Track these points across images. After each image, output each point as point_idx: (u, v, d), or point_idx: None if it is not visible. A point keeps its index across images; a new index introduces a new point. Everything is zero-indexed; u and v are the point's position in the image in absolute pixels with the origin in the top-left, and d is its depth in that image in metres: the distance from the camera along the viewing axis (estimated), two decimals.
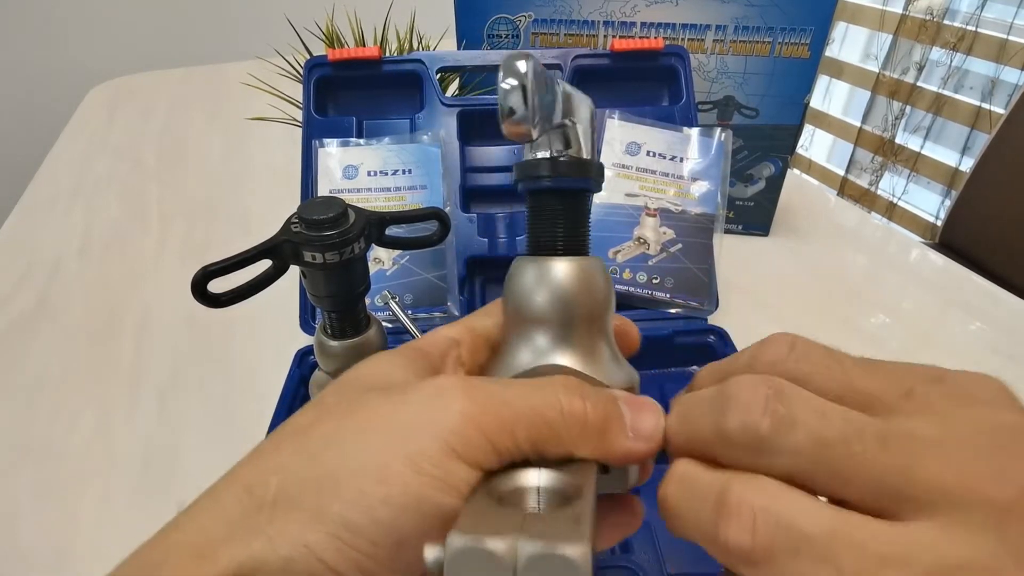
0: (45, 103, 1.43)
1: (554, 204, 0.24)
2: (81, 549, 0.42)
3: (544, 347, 0.23)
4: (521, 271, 0.23)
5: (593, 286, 0.23)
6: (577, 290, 0.23)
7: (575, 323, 0.23)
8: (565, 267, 0.23)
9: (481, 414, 0.18)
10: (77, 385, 0.54)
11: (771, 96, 0.62)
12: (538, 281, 0.23)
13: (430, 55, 0.55)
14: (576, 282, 0.23)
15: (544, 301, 0.23)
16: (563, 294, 0.23)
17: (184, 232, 0.73)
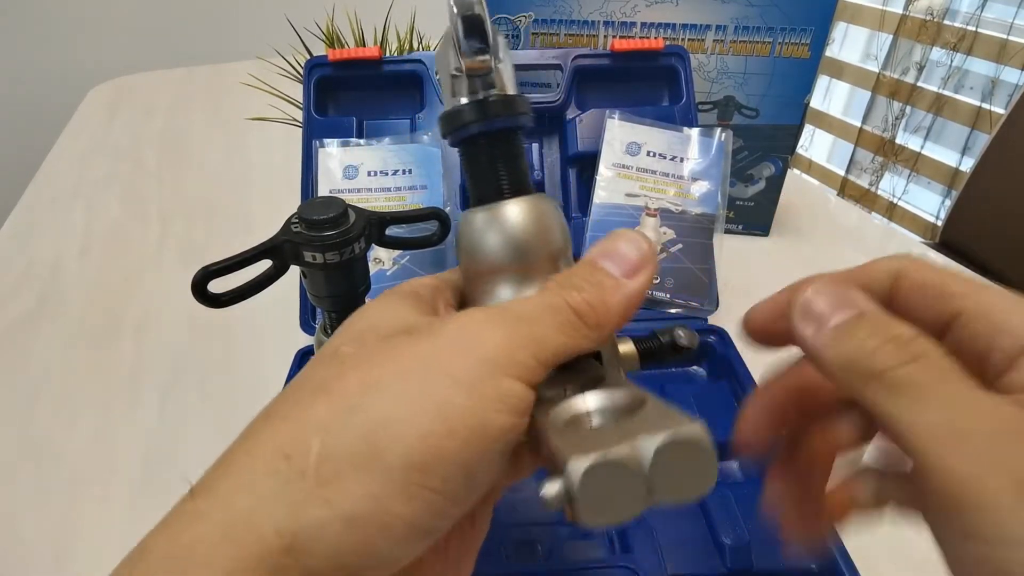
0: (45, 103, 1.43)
1: (491, 148, 0.23)
2: (81, 549, 0.42)
3: (508, 297, 0.22)
4: (470, 223, 0.22)
5: (548, 222, 0.22)
6: (534, 229, 0.22)
7: (537, 264, 0.22)
8: (515, 208, 0.22)
9: (515, 335, 0.19)
10: (77, 385, 0.54)
11: (771, 96, 0.62)
12: (490, 228, 0.22)
13: (430, 55, 0.55)
14: (531, 221, 0.22)
15: (500, 247, 0.22)
16: (519, 236, 0.22)
17: (184, 232, 0.73)
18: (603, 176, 0.53)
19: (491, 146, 0.23)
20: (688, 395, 0.46)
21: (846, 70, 1.82)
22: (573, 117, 0.55)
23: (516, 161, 0.23)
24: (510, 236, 0.22)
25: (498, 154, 0.23)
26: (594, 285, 0.20)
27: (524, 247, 0.22)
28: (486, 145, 0.23)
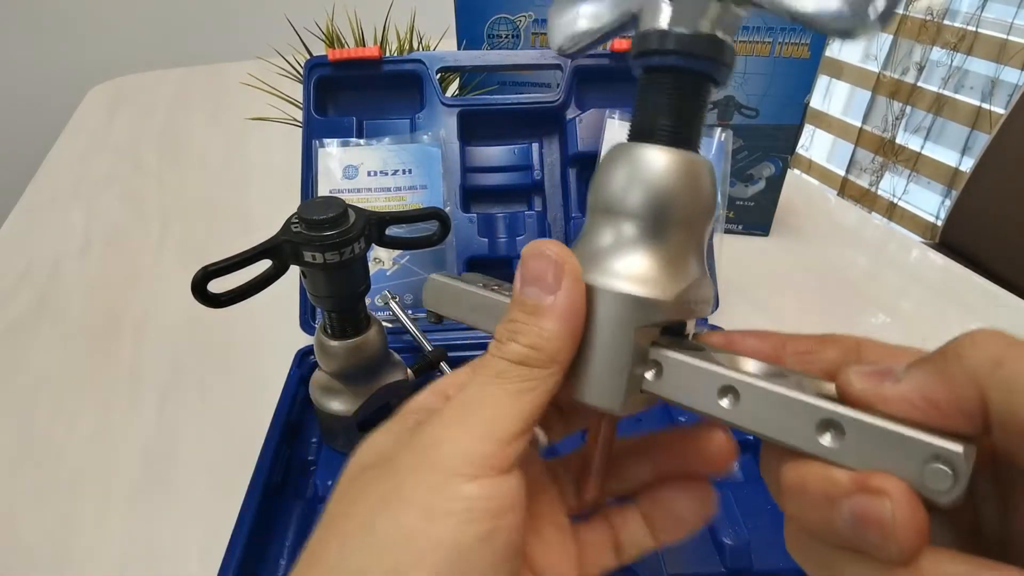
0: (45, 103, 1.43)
1: (672, 84, 0.20)
2: (81, 549, 0.42)
3: (629, 237, 0.20)
4: (618, 155, 0.21)
5: (698, 186, 0.20)
6: (678, 187, 0.20)
7: (668, 225, 0.20)
8: (670, 158, 0.20)
9: (468, 430, 0.19)
10: (77, 385, 0.54)
11: (771, 96, 0.62)
12: (634, 169, 0.20)
13: (430, 55, 0.55)
14: (679, 177, 0.20)
15: (637, 192, 0.20)
16: (661, 188, 0.20)
17: (184, 232, 0.73)
18: None
19: (674, 83, 0.21)
20: None
21: (846, 70, 1.82)
22: (573, 117, 0.55)
23: (696, 110, 0.21)
24: (649, 184, 0.20)
25: (677, 93, 0.21)
26: (528, 319, 0.20)
27: (660, 202, 0.20)
28: (668, 79, 0.21)
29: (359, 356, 0.39)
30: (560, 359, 0.20)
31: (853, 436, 0.16)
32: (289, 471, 0.42)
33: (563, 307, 0.20)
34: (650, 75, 0.21)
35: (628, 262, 0.20)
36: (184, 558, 0.41)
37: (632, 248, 0.20)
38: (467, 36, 0.64)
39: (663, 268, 0.20)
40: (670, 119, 0.21)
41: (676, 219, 0.20)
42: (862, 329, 0.58)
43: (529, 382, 0.19)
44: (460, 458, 0.18)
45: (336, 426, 0.41)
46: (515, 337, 0.20)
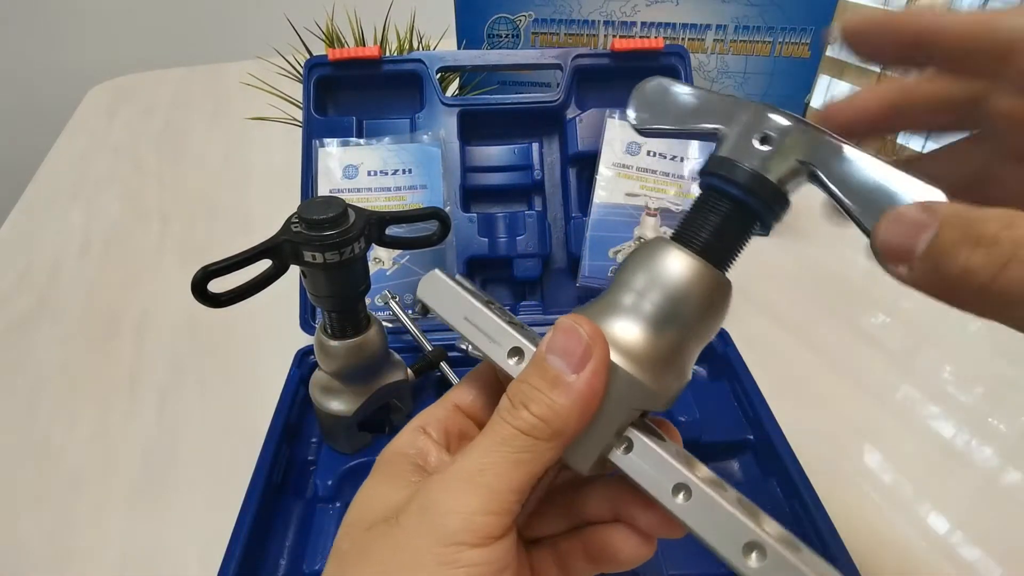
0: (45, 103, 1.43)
1: (727, 209, 0.22)
2: (81, 549, 0.42)
3: (648, 327, 0.22)
4: (657, 248, 0.22)
5: (718, 303, 0.22)
6: (702, 297, 0.21)
7: (684, 328, 0.21)
8: (703, 270, 0.21)
9: (470, 497, 0.20)
10: (77, 385, 0.54)
11: (771, 96, 0.62)
12: (669, 267, 0.21)
13: (430, 55, 0.55)
14: (705, 289, 0.21)
15: (665, 288, 0.21)
16: (686, 293, 0.21)
17: (184, 232, 0.73)
18: (603, 176, 0.53)
19: (745, 222, 0.22)
20: (688, 394, 0.46)
21: (847, 70, 1.82)
22: (573, 117, 0.55)
23: (738, 238, 0.23)
24: (665, 282, 0.21)
25: (745, 231, 0.22)
26: (544, 389, 0.20)
27: (667, 299, 0.21)
28: (742, 216, 0.22)
29: (359, 356, 0.39)
30: (566, 436, 0.20)
31: (771, 563, 0.18)
32: (289, 471, 0.42)
33: (583, 389, 0.20)
34: (710, 192, 0.23)
35: (643, 351, 0.21)
36: (184, 558, 0.41)
37: (648, 338, 0.21)
38: (467, 36, 0.64)
39: (669, 365, 0.22)
40: (713, 236, 0.22)
41: (691, 325, 0.22)
42: (862, 329, 0.58)
43: (530, 453, 0.20)
44: (464, 527, 0.19)
45: (336, 426, 0.41)
46: (528, 404, 0.21)
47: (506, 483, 0.20)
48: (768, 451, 0.42)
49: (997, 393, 0.52)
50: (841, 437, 0.48)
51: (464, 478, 0.20)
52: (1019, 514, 0.43)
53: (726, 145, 0.23)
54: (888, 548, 0.41)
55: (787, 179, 0.22)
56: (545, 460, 0.20)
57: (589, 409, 0.20)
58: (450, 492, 0.20)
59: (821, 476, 0.39)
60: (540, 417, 0.20)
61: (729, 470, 0.44)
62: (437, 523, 0.19)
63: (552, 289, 0.55)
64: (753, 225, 0.23)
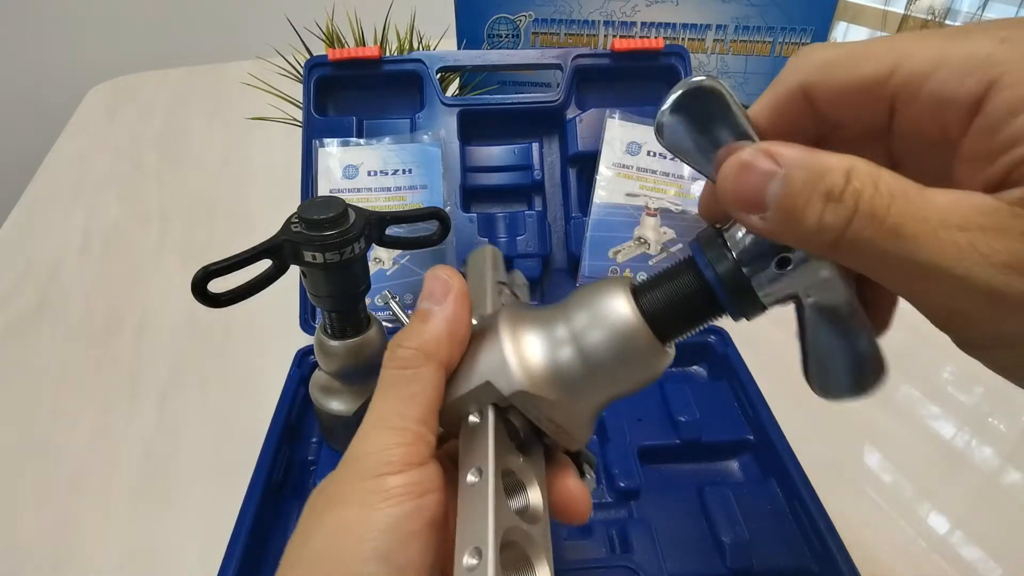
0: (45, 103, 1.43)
1: (694, 288, 0.21)
2: (81, 549, 0.42)
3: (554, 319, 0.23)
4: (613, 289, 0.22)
5: (639, 373, 0.22)
6: (624, 354, 0.21)
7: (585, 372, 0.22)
8: (641, 332, 0.21)
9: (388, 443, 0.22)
10: (77, 385, 0.54)
11: None
12: (613, 311, 0.21)
13: (430, 55, 0.55)
14: (633, 349, 0.21)
15: (600, 326, 0.22)
16: (613, 342, 0.21)
17: (184, 232, 0.73)
18: (603, 176, 0.53)
19: (709, 307, 0.21)
20: (688, 394, 0.46)
21: None
22: (573, 117, 0.55)
23: (691, 316, 0.22)
24: (603, 326, 0.22)
25: (703, 315, 0.22)
26: (415, 326, 0.24)
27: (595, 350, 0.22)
28: (708, 302, 0.21)
29: (359, 356, 0.39)
30: (438, 356, 0.23)
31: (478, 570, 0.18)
32: (289, 471, 0.42)
33: (445, 314, 0.24)
34: (690, 263, 0.22)
35: (535, 350, 0.23)
36: (184, 558, 0.41)
37: (547, 345, 0.23)
38: (467, 36, 0.64)
39: (554, 379, 0.22)
40: (666, 308, 0.22)
41: (599, 367, 0.22)
42: None
43: (416, 384, 0.23)
44: (382, 461, 0.21)
45: (336, 426, 0.41)
46: (402, 342, 0.24)
47: (408, 418, 0.22)
48: (768, 451, 0.42)
49: (997, 393, 0.52)
50: (841, 437, 0.48)
51: (371, 426, 0.22)
52: (1019, 514, 0.43)
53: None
54: (888, 548, 0.41)
55: (768, 289, 0.20)
56: (431, 386, 0.23)
57: (454, 331, 0.23)
58: (364, 440, 0.22)
59: (821, 476, 0.39)
60: (413, 347, 0.23)
61: (729, 470, 0.44)
62: (360, 465, 0.21)
63: (552, 289, 0.55)
64: (716, 315, 0.22)
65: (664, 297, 0.22)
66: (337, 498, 0.21)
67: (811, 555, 0.37)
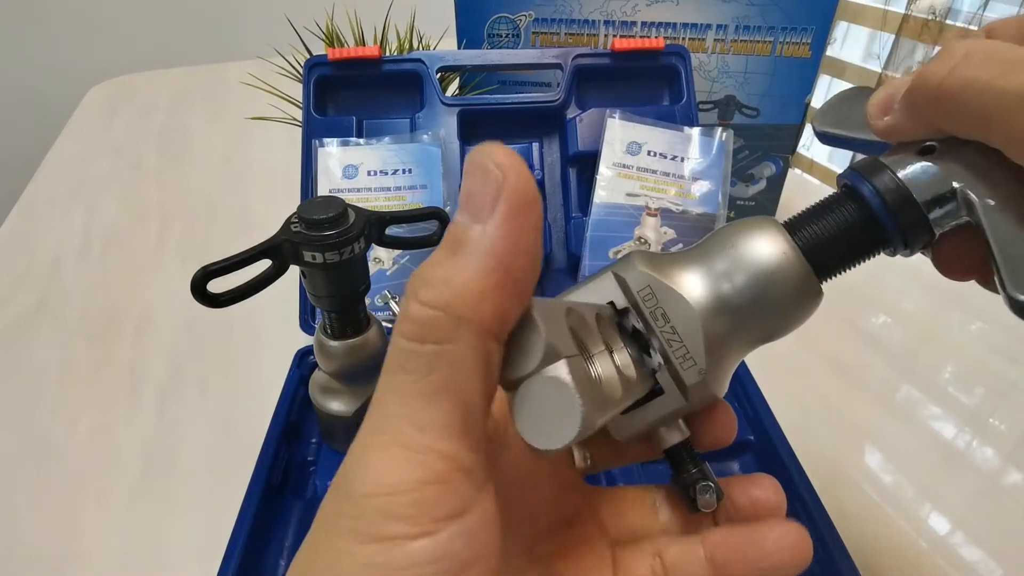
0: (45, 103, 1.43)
1: (857, 219, 0.19)
2: (81, 549, 0.42)
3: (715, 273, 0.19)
4: (764, 227, 0.20)
5: (796, 311, 0.20)
6: (784, 297, 0.19)
7: (738, 310, 0.19)
8: (802, 272, 0.19)
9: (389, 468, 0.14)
10: (77, 385, 0.54)
11: (772, 96, 0.62)
12: (762, 240, 0.19)
13: (430, 54, 0.55)
14: (794, 291, 0.19)
15: (749, 267, 0.19)
16: (759, 277, 0.19)
17: (184, 232, 0.73)
18: (603, 176, 0.53)
19: (872, 239, 0.20)
20: None
21: (847, 70, 1.82)
22: (573, 116, 0.55)
23: (854, 262, 0.20)
24: (753, 265, 0.19)
25: (865, 250, 0.20)
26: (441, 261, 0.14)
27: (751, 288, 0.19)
28: (871, 234, 0.20)
29: (359, 356, 0.39)
30: (479, 318, 0.13)
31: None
32: (289, 471, 0.42)
33: (488, 239, 0.14)
34: (848, 197, 0.20)
35: (681, 278, 0.19)
36: (184, 558, 0.41)
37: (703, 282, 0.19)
38: (467, 35, 0.64)
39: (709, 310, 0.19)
40: (828, 241, 0.20)
41: (753, 314, 0.19)
42: (862, 329, 0.58)
43: (440, 370, 0.13)
44: (391, 514, 0.13)
45: (336, 426, 0.41)
46: (417, 290, 0.14)
47: (433, 431, 0.13)
48: (768, 451, 0.42)
49: (997, 393, 0.52)
50: (841, 437, 0.48)
51: (372, 439, 0.14)
52: (1019, 514, 0.43)
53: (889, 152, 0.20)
54: (888, 548, 0.41)
55: (936, 204, 0.19)
56: (473, 370, 0.14)
57: (510, 274, 0.14)
58: (363, 466, 0.13)
59: (821, 476, 0.39)
60: (433, 303, 0.13)
61: (729, 470, 0.44)
62: (356, 509, 0.13)
63: (552, 289, 0.55)
64: (877, 247, 0.20)
65: (820, 231, 0.20)
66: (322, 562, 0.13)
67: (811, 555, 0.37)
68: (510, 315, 0.14)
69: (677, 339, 0.19)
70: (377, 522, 0.13)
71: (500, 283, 0.14)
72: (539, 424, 0.15)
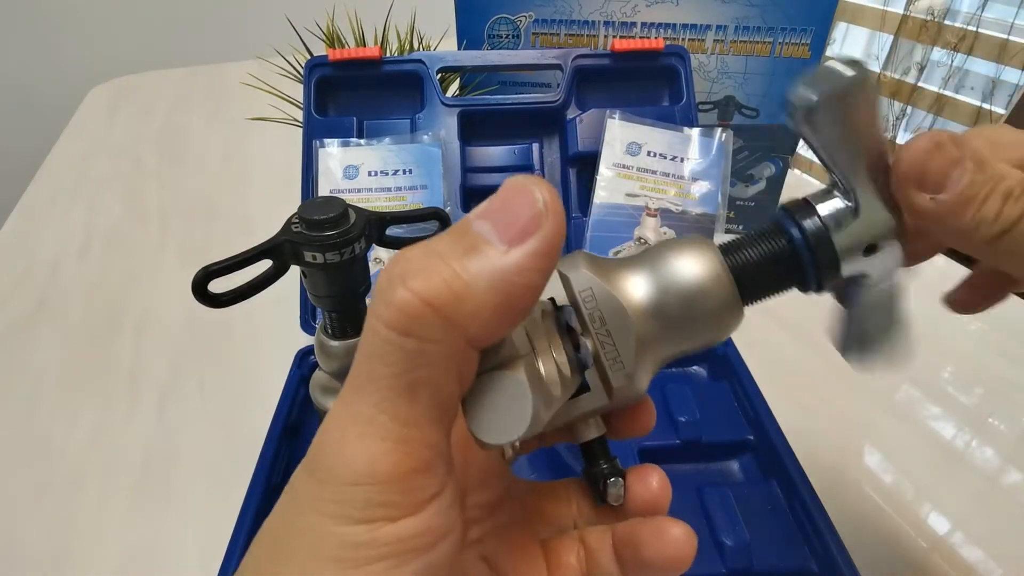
0: (45, 103, 1.43)
1: (784, 252, 0.21)
2: (81, 549, 0.42)
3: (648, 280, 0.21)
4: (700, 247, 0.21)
5: (716, 324, 0.21)
6: (703, 301, 0.20)
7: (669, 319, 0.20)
8: (728, 289, 0.21)
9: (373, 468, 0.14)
10: (77, 385, 0.54)
11: (771, 96, 0.62)
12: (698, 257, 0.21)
13: (430, 55, 0.55)
14: (710, 294, 0.20)
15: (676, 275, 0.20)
16: (692, 291, 0.20)
17: (184, 232, 0.73)
18: (603, 176, 0.53)
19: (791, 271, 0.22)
20: (688, 395, 0.46)
21: None
22: (573, 117, 0.55)
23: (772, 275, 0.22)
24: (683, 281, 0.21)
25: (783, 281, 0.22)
26: (448, 254, 0.14)
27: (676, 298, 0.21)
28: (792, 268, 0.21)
29: None
30: (470, 331, 0.14)
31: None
32: (289, 471, 0.42)
33: (511, 267, 0.14)
34: (776, 230, 0.22)
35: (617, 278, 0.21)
36: (184, 558, 0.41)
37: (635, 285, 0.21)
38: (467, 36, 0.64)
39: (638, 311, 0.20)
40: (754, 267, 0.21)
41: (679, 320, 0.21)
42: None
43: (423, 368, 0.14)
44: (374, 501, 0.13)
45: None
46: (406, 278, 0.13)
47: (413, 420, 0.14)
48: (768, 451, 0.42)
49: (997, 393, 0.52)
50: (841, 437, 0.48)
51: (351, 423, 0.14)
52: (1019, 514, 0.43)
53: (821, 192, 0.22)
54: (888, 548, 0.41)
55: (848, 252, 0.21)
56: (454, 375, 0.14)
57: (512, 304, 0.14)
58: (342, 450, 0.14)
59: (821, 476, 0.40)
60: (428, 298, 0.13)
61: (729, 470, 0.44)
62: (340, 494, 0.14)
63: None
64: (794, 281, 0.22)
65: (748, 257, 0.21)
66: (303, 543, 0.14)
67: (811, 555, 0.37)
68: (497, 336, 0.15)
69: (610, 342, 0.20)
70: (363, 507, 0.13)
71: (501, 307, 0.14)
72: (490, 420, 0.16)
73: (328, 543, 0.14)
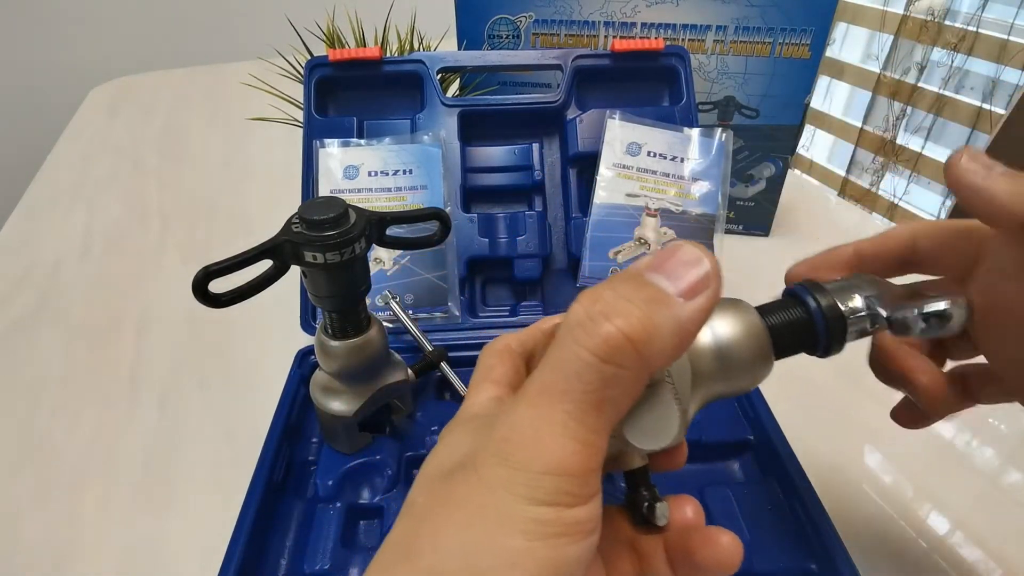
0: (45, 103, 1.43)
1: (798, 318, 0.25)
2: (81, 549, 0.42)
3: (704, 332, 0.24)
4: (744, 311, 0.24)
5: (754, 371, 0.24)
6: (747, 351, 0.24)
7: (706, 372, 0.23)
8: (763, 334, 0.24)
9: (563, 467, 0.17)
10: (77, 385, 0.54)
11: (771, 96, 0.62)
12: (743, 314, 0.24)
13: (431, 55, 0.55)
14: (754, 346, 0.24)
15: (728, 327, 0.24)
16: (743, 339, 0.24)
17: (184, 232, 0.73)
18: (603, 176, 0.53)
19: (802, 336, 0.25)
20: None
21: (847, 70, 1.82)
22: (573, 117, 0.55)
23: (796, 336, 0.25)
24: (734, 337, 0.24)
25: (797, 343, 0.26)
26: (637, 300, 0.17)
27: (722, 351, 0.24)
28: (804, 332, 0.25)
29: (360, 356, 0.39)
30: (652, 366, 0.17)
31: None
32: (289, 471, 0.42)
33: (688, 317, 0.17)
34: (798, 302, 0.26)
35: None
36: (184, 558, 0.41)
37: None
38: (467, 36, 0.64)
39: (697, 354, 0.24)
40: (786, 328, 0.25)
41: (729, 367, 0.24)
42: None
43: (616, 388, 0.17)
44: (562, 490, 0.17)
45: (336, 426, 0.41)
46: (611, 316, 0.17)
47: (598, 430, 0.17)
48: (768, 451, 0.42)
49: None
50: (841, 437, 0.48)
51: (548, 424, 0.17)
52: (1019, 514, 0.43)
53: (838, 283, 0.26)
54: (888, 548, 0.41)
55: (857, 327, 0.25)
56: (630, 395, 0.18)
57: (683, 344, 0.18)
58: (537, 444, 0.17)
59: (821, 476, 0.40)
60: (629, 335, 0.17)
61: (729, 470, 0.44)
62: (528, 478, 0.17)
63: (552, 289, 0.55)
64: (809, 346, 0.26)
65: (781, 320, 0.25)
66: (493, 518, 0.17)
67: (811, 555, 0.37)
68: (664, 367, 0.20)
69: (671, 380, 0.23)
70: (551, 493, 0.17)
71: (678, 346, 0.18)
72: (644, 428, 0.22)
73: (519, 517, 0.17)
